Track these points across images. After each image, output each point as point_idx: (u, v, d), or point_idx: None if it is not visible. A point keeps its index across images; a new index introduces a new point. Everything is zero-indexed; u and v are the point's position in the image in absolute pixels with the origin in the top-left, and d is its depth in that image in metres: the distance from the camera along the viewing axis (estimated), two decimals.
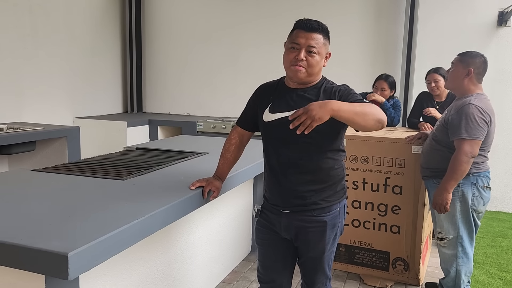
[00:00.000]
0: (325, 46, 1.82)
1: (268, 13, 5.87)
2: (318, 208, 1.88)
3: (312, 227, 1.89)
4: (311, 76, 1.83)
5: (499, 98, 4.91)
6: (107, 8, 6.20)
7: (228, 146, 2.11)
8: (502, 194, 5.08)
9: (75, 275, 1.33)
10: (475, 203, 2.54)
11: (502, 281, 3.24)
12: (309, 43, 1.78)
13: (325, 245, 1.91)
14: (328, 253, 1.95)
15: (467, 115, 2.41)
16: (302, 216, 1.90)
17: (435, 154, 2.62)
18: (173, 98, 6.58)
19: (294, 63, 1.80)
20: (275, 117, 1.88)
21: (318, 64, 1.81)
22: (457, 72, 2.57)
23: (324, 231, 1.89)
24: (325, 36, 1.83)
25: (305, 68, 1.80)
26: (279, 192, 1.93)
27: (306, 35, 1.79)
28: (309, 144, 1.83)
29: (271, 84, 2.01)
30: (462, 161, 2.39)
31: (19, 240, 1.39)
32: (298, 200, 1.89)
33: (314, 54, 1.79)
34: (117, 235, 1.51)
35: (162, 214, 1.80)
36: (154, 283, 2.29)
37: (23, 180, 2.29)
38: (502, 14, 4.90)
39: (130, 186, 2.16)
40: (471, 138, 2.39)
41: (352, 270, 3.31)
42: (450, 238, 2.62)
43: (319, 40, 1.79)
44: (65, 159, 4.26)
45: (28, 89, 4.97)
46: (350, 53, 5.54)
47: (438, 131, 2.60)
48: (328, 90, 1.86)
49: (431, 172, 2.66)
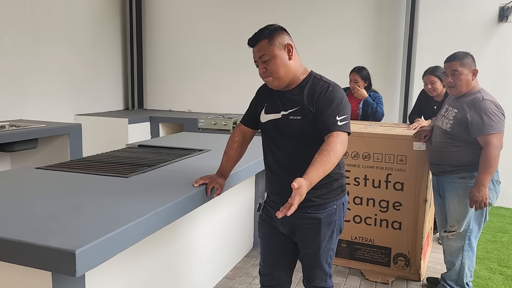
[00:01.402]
0: (274, 46, 1.82)
1: (268, 8, 5.87)
2: (312, 205, 1.90)
3: (307, 223, 1.92)
4: (283, 79, 1.86)
5: (500, 93, 4.91)
6: (108, 5, 6.20)
7: (231, 143, 2.14)
8: (502, 189, 5.02)
9: (82, 272, 1.35)
10: (490, 196, 2.59)
11: (503, 276, 3.26)
12: (258, 55, 1.85)
13: (320, 242, 1.93)
14: (325, 250, 1.96)
15: (487, 110, 2.49)
16: (297, 212, 1.85)
17: (453, 150, 2.65)
18: (174, 94, 6.59)
19: (263, 77, 1.90)
20: (267, 118, 1.96)
21: (278, 67, 1.83)
22: (466, 76, 2.63)
23: (318, 228, 1.91)
24: (270, 36, 1.83)
25: (271, 76, 1.85)
26: (276, 189, 1.99)
27: (254, 51, 1.88)
28: (298, 145, 1.88)
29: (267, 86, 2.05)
30: (495, 155, 2.47)
31: (27, 238, 1.40)
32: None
33: (268, 60, 1.83)
34: (123, 232, 1.53)
35: (167, 211, 1.81)
36: (158, 279, 2.31)
37: (27, 178, 2.31)
38: (503, 9, 4.90)
39: (134, 184, 2.18)
40: (497, 131, 2.47)
41: (354, 266, 3.34)
42: (459, 231, 2.66)
43: (263, 46, 1.83)
44: (67, 157, 4.27)
45: (30, 86, 4.98)
46: (350, 49, 5.55)
47: (453, 128, 2.63)
48: (312, 88, 1.87)
49: (449, 167, 2.68)
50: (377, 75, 5.48)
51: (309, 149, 1.83)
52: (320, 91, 1.84)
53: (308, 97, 1.85)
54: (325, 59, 5.51)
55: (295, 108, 1.87)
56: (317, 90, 1.85)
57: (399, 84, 5.36)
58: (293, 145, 1.89)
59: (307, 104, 1.84)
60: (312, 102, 1.84)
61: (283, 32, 1.87)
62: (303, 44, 5.86)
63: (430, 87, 3.61)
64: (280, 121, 1.91)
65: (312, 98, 1.84)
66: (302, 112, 1.85)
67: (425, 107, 3.83)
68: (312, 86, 1.88)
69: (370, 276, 3.19)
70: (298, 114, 1.86)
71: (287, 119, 1.89)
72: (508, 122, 4.92)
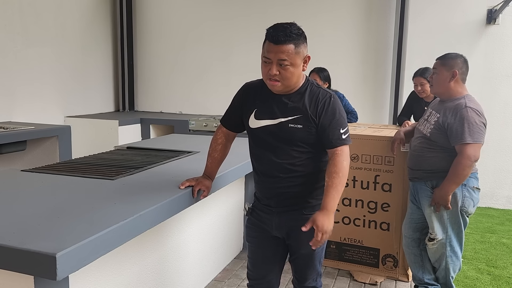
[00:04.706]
0: (298, 54, 1.75)
1: (259, 10, 5.87)
2: (308, 206, 1.92)
3: (303, 224, 1.90)
4: (288, 87, 1.81)
5: (488, 95, 4.97)
6: (98, 6, 6.17)
7: (215, 145, 2.11)
8: (491, 190, 5.14)
9: (63, 275, 1.34)
10: (465, 204, 2.55)
11: (491, 277, 3.29)
12: (279, 57, 1.72)
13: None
14: (319, 249, 1.98)
15: (468, 119, 2.41)
16: (294, 215, 1.93)
17: (429, 155, 2.60)
18: (165, 96, 6.57)
19: (269, 78, 1.78)
20: (260, 124, 1.89)
21: (293, 74, 1.77)
22: (441, 76, 2.55)
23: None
24: (298, 43, 1.74)
25: (280, 81, 1.77)
26: (270, 194, 1.96)
27: (275, 49, 1.72)
28: (296, 151, 1.86)
29: (255, 85, 1.98)
30: (465, 165, 2.40)
31: (7, 241, 1.39)
32: (289, 200, 1.93)
33: (287, 66, 1.73)
34: (105, 235, 1.52)
35: (151, 213, 1.81)
36: (145, 281, 2.30)
37: (12, 181, 2.29)
38: (491, 12, 4.95)
39: (120, 186, 2.17)
40: (475, 142, 2.39)
41: (343, 267, 3.35)
42: (439, 239, 2.62)
43: (290, 51, 1.71)
44: (56, 159, 4.24)
45: (19, 88, 4.94)
46: (340, 50, 5.57)
47: (433, 134, 2.57)
48: (313, 97, 1.84)
49: (423, 173, 2.63)
50: (367, 77, 5.53)
51: (308, 154, 1.85)
52: (324, 102, 1.82)
53: (311, 107, 1.81)
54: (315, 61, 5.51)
55: (296, 116, 1.83)
56: (319, 100, 1.82)
57: (389, 86, 5.39)
58: (291, 151, 1.86)
59: (311, 114, 1.81)
60: (316, 112, 1.81)
61: (306, 41, 1.80)
62: None
63: (419, 89, 3.66)
64: (278, 128, 1.85)
65: (316, 108, 1.81)
66: (304, 121, 1.82)
67: (416, 108, 3.86)
68: (313, 94, 1.84)
69: (359, 277, 3.20)
70: (299, 122, 1.82)
71: (287, 127, 1.83)
72: (496, 125, 5.00)
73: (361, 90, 5.50)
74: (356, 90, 5.42)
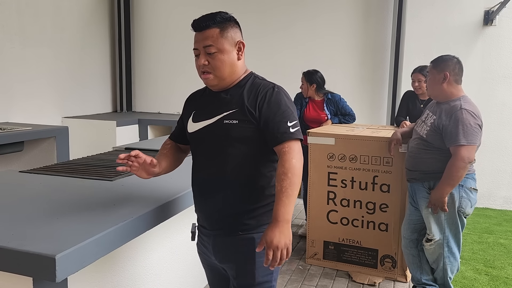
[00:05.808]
0: (226, 39, 1.56)
1: (257, 12, 5.87)
2: (246, 228, 1.61)
3: (239, 246, 1.61)
4: (225, 79, 1.60)
5: (486, 96, 4.99)
6: (96, 7, 6.16)
7: (163, 147, 1.88)
8: (489, 191, 5.16)
9: (62, 277, 1.33)
10: (463, 205, 2.56)
11: (488, 277, 3.30)
12: (204, 43, 1.56)
13: (254, 269, 1.59)
14: (261, 283, 1.60)
15: (462, 121, 2.42)
16: (228, 237, 1.63)
17: (426, 156, 2.61)
18: (162, 97, 6.57)
19: (201, 72, 1.60)
20: (197, 127, 1.66)
21: (223, 63, 1.56)
22: (433, 79, 2.60)
23: (252, 250, 1.57)
24: (224, 26, 1.57)
25: (211, 72, 1.57)
26: (204, 212, 1.69)
27: (198, 36, 1.58)
28: (235, 157, 1.57)
29: (198, 91, 1.81)
30: (459, 167, 2.41)
31: (6, 243, 1.38)
32: (223, 221, 1.63)
33: (215, 53, 1.55)
34: (105, 236, 1.51)
35: (151, 215, 1.80)
36: (144, 283, 2.30)
37: (10, 182, 2.28)
38: (488, 13, 4.98)
39: (119, 187, 2.16)
40: (469, 143, 2.40)
41: (341, 268, 3.35)
42: (436, 240, 2.63)
43: (214, 36, 1.55)
44: (54, 160, 4.23)
45: (16, 89, 4.92)
46: (338, 52, 5.59)
47: (429, 135, 2.58)
48: (253, 88, 1.59)
49: (420, 174, 2.64)
50: (364, 78, 5.54)
51: (246, 157, 1.57)
52: (265, 92, 1.56)
53: (249, 99, 1.56)
54: (313, 62, 5.52)
55: (231, 111, 1.57)
56: (260, 90, 1.57)
57: (386, 87, 5.41)
58: (226, 155, 1.57)
59: (248, 106, 1.55)
60: (255, 104, 1.55)
61: (237, 26, 1.63)
62: (291, 47, 5.93)
63: (416, 85, 3.72)
64: (215, 127, 1.59)
65: (255, 100, 1.55)
66: (239, 115, 1.55)
67: (412, 107, 3.87)
68: (253, 86, 1.60)
69: (357, 278, 3.20)
70: (234, 118, 1.56)
71: (221, 124, 1.58)
72: (493, 125, 5.03)
73: (359, 91, 5.52)
74: (354, 91, 5.43)
